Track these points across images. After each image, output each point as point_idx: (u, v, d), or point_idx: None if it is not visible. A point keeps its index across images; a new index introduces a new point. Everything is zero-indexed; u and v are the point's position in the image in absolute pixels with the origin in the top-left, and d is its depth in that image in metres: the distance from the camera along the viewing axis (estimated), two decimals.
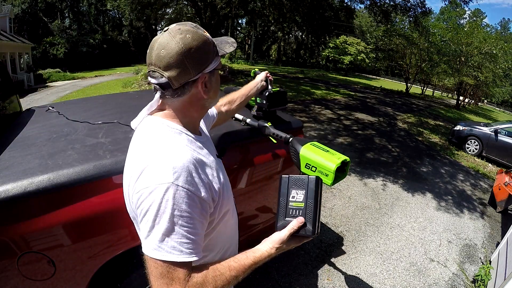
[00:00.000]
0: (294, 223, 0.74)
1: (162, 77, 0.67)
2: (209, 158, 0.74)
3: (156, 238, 0.58)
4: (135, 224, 0.72)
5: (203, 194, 0.64)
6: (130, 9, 13.20)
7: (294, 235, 0.75)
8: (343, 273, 2.45)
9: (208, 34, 0.72)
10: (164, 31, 0.69)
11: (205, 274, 0.63)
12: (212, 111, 1.14)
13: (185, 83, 0.69)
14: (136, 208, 0.62)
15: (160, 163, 0.61)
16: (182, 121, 0.74)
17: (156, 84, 0.69)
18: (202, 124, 0.93)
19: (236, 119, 1.73)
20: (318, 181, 0.76)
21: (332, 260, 2.58)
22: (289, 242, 0.75)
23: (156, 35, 0.72)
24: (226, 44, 0.78)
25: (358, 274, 2.47)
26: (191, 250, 0.60)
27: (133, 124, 0.76)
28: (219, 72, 0.80)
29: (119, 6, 13.53)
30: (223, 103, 1.24)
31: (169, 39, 0.66)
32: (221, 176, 0.75)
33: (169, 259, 0.58)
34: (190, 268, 0.61)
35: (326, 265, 2.50)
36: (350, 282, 2.36)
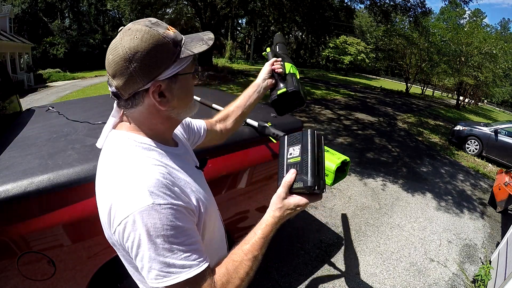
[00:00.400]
0: (287, 177, 0.68)
1: (112, 86, 0.60)
2: (185, 172, 0.67)
3: (161, 265, 0.54)
4: (115, 249, 0.65)
5: (185, 204, 0.59)
6: (130, 9, 13.21)
7: (295, 192, 0.68)
8: (343, 273, 2.45)
9: (170, 32, 0.61)
10: (118, 31, 0.61)
11: (226, 270, 0.61)
12: (201, 126, 0.99)
13: (135, 93, 0.60)
14: (124, 242, 0.55)
15: (133, 187, 0.55)
16: (148, 134, 0.66)
17: (111, 92, 0.62)
18: (180, 133, 0.85)
19: None
20: (314, 133, 0.71)
21: (332, 260, 2.58)
22: (291, 201, 0.68)
23: None
24: (198, 42, 0.65)
25: (358, 274, 2.47)
26: (199, 260, 0.57)
27: (98, 143, 0.68)
28: (196, 76, 0.70)
29: (119, 6, 13.54)
30: (218, 119, 1.06)
31: (117, 42, 0.58)
32: (201, 189, 0.68)
33: (184, 278, 0.55)
34: (209, 272, 0.59)
35: (326, 265, 2.50)
36: (350, 282, 2.36)
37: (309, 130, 0.71)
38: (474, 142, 7.25)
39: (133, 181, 0.56)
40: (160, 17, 17.25)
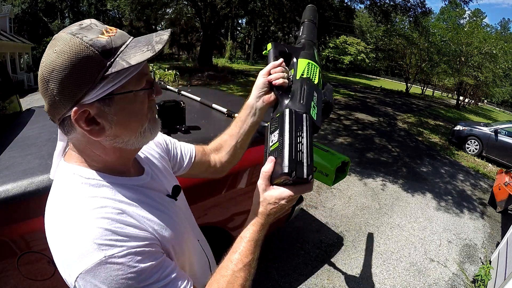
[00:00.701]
0: (265, 166, 0.56)
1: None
2: (145, 207, 0.56)
3: None
4: None
5: (147, 241, 0.51)
6: (130, 9, 13.21)
7: (277, 184, 0.56)
8: (343, 273, 2.45)
9: (102, 38, 0.47)
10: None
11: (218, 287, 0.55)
12: (187, 154, 0.82)
13: (63, 118, 0.49)
14: None
15: (78, 243, 0.46)
16: (95, 166, 0.54)
17: None
18: (155, 153, 0.73)
19: None
20: (292, 112, 0.59)
21: (332, 260, 2.58)
22: (273, 193, 0.56)
23: None
24: (141, 48, 0.49)
25: (358, 274, 2.47)
26: (183, 287, 0.52)
27: (51, 174, 0.59)
28: (152, 92, 0.55)
29: (119, 6, 13.53)
30: (213, 148, 0.87)
31: (42, 57, 0.48)
32: (165, 226, 0.58)
33: None
34: None
35: (326, 265, 2.50)
36: (350, 282, 2.36)
37: (286, 109, 0.59)
38: (474, 142, 7.25)
39: (77, 235, 0.46)
40: (160, 17, 17.27)
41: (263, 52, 0.76)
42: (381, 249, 2.86)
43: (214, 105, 2.03)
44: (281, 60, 0.70)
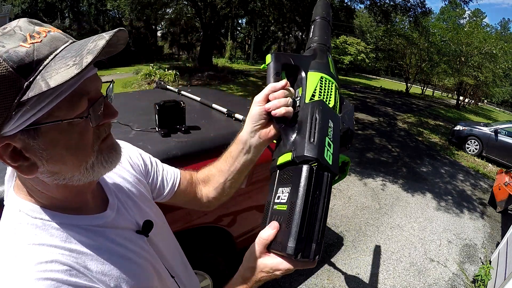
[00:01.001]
0: (265, 233, 0.46)
1: None
2: (103, 255, 0.47)
3: None
4: None
5: None
6: (130, 9, 13.20)
7: (275, 253, 0.47)
8: (343, 273, 2.45)
9: (23, 47, 0.35)
10: None
11: None
12: (169, 181, 0.71)
13: None
14: None
15: None
16: (41, 203, 0.45)
17: None
18: (129, 176, 0.62)
19: (236, 119, 1.73)
20: (312, 172, 0.45)
21: (332, 260, 2.59)
22: (268, 262, 0.47)
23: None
24: (67, 62, 0.35)
25: (358, 274, 2.47)
26: None
27: (5, 199, 0.50)
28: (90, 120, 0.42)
29: (119, 6, 13.53)
30: (201, 179, 0.75)
31: None
32: (131, 273, 0.49)
33: None
34: None
35: (326, 265, 2.50)
36: (350, 282, 2.37)
37: (304, 166, 0.45)
38: (474, 142, 7.25)
39: None
40: (160, 17, 17.27)
41: (261, 67, 0.59)
42: (381, 249, 2.87)
43: (214, 105, 2.03)
44: (284, 81, 0.53)
